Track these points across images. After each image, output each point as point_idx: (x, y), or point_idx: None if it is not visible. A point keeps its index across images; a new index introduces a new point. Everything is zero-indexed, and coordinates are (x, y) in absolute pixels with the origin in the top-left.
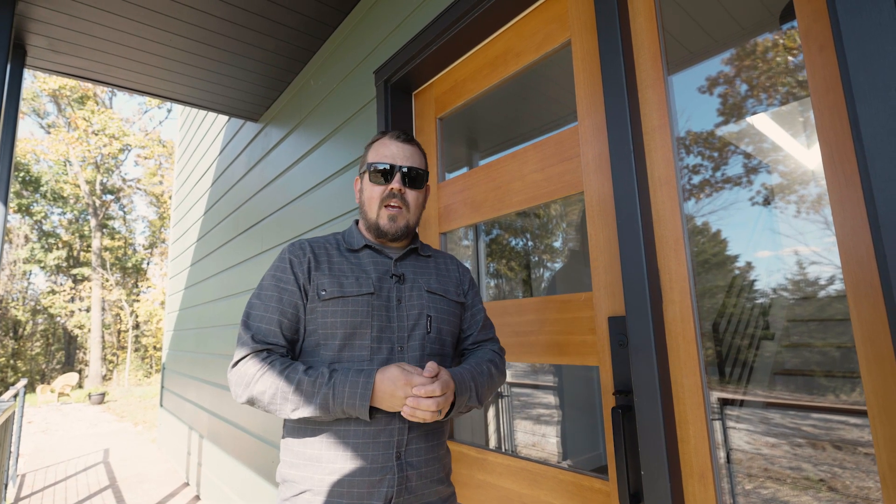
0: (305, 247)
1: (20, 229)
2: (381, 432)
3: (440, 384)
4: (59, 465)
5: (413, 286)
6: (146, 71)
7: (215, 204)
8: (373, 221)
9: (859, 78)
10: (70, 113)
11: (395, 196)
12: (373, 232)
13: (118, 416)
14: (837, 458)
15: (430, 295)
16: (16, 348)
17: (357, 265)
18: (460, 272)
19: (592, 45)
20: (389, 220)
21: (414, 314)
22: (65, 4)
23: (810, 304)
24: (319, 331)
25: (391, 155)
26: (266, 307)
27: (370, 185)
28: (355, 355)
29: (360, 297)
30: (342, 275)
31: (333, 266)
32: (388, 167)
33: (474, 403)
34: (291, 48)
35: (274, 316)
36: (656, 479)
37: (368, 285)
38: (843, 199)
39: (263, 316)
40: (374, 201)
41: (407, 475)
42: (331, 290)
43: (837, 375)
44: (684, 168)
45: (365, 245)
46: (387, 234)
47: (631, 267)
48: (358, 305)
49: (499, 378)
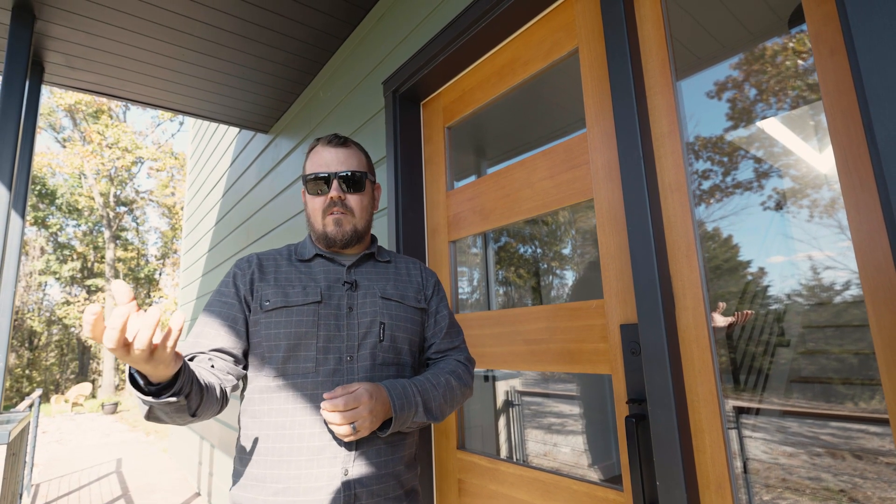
0: (252, 259)
1: (36, 241)
2: (324, 448)
3: (346, 398)
4: (72, 475)
5: (367, 292)
6: (159, 85)
7: (226, 214)
8: (320, 232)
9: (872, 81)
10: (85, 127)
11: (336, 204)
12: (322, 242)
13: (131, 425)
14: (858, 468)
15: (385, 301)
16: (31, 358)
17: (307, 274)
18: (423, 276)
19: (600, 52)
20: (335, 226)
21: (366, 321)
22: (82, 22)
23: (826, 309)
24: (263, 343)
25: (325, 162)
26: (205, 322)
27: (310, 198)
28: (300, 367)
29: (304, 306)
30: (288, 284)
31: (280, 276)
32: (324, 176)
33: (422, 419)
34: (301, 60)
35: (211, 330)
36: (672, 489)
37: (315, 293)
38: (858, 203)
39: (201, 331)
40: (316, 212)
41: (355, 493)
42: (274, 300)
43: (856, 383)
44: (694, 173)
45: (316, 254)
46: (336, 240)
47: (642, 274)
48: (303, 315)
49: (462, 390)
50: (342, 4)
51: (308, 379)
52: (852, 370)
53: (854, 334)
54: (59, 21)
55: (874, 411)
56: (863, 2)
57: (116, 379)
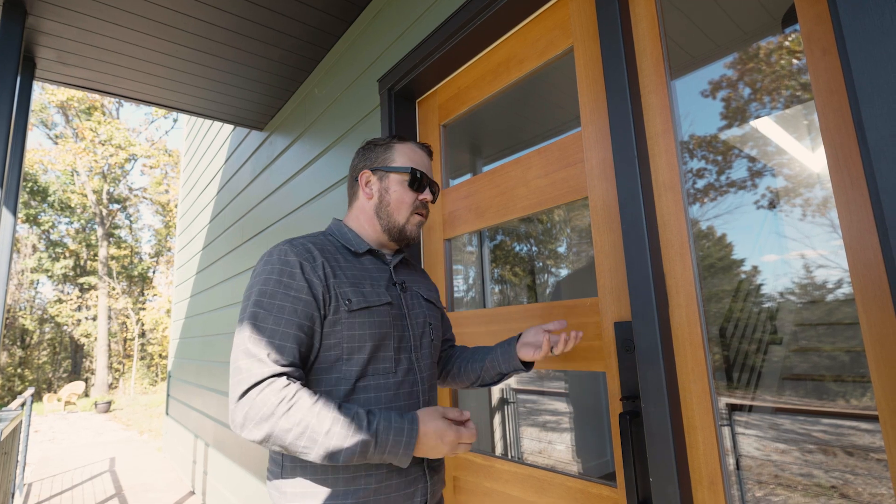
0: (312, 249)
1: (28, 239)
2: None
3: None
4: (65, 474)
5: (413, 294)
6: (153, 81)
7: (221, 212)
8: (398, 225)
9: (863, 81)
10: (77, 124)
11: (425, 207)
12: (391, 235)
13: (124, 424)
14: (849, 465)
15: (427, 303)
16: (23, 357)
17: (363, 271)
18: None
19: (595, 51)
20: (417, 227)
21: (420, 322)
22: (74, 17)
23: (818, 307)
24: (344, 344)
25: (425, 165)
26: (278, 320)
27: (405, 190)
28: (380, 368)
29: (381, 307)
30: (357, 282)
31: (347, 273)
32: (426, 177)
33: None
34: (296, 58)
35: (290, 331)
36: (665, 485)
37: (384, 294)
38: (849, 202)
39: (276, 331)
40: (405, 206)
41: (433, 480)
42: (356, 299)
43: (847, 380)
44: (688, 172)
45: (368, 250)
46: (410, 240)
47: (636, 272)
48: (382, 315)
49: None
50: (337, 1)
51: (389, 379)
52: (844, 367)
53: (846, 332)
54: (50, 16)
55: (865, 408)
56: (854, 2)
57: (109, 378)
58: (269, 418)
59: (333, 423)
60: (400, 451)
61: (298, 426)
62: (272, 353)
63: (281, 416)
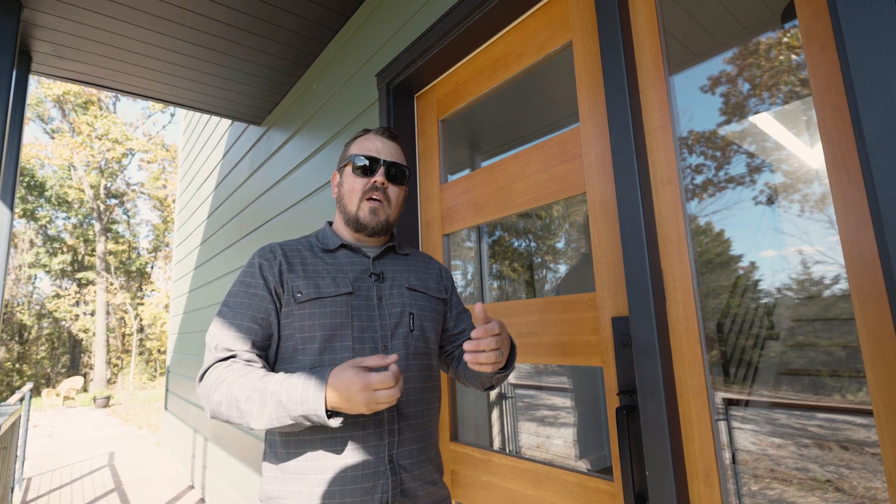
0: (276, 250)
1: (25, 234)
2: (370, 436)
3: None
4: (64, 469)
5: (393, 284)
6: (150, 76)
7: (219, 207)
8: (352, 214)
9: (861, 76)
10: (74, 118)
11: (378, 189)
12: (351, 226)
13: (123, 419)
14: (844, 459)
15: (411, 292)
16: (21, 352)
17: (333, 265)
18: (441, 270)
19: (594, 46)
20: (370, 213)
21: (396, 312)
22: (70, 11)
23: (815, 303)
24: (297, 335)
25: (375, 149)
26: (235, 314)
27: (352, 178)
28: (337, 358)
29: (338, 297)
30: (317, 276)
31: (307, 267)
32: (372, 160)
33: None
34: (294, 52)
35: (244, 323)
36: (661, 479)
37: (346, 285)
38: (845, 198)
39: (233, 324)
40: (355, 193)
41: (400, 478)
42: (307, 291)
43: (843, 375)
44: (687, 168)
45: (341, 245)
46: (366, 227)
47: (634, 267)
48: (336, 306)
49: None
50: None
51: None
52: (840, 363)
53: (842, 328)
54: (46, 9)
55: (860, 403)
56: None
57: (108, 373)
58: (210, 395)
59: (252, 391)
60: (310, 399)
61: (227, 398)
62: (226, 341)
63: (214, 391)
